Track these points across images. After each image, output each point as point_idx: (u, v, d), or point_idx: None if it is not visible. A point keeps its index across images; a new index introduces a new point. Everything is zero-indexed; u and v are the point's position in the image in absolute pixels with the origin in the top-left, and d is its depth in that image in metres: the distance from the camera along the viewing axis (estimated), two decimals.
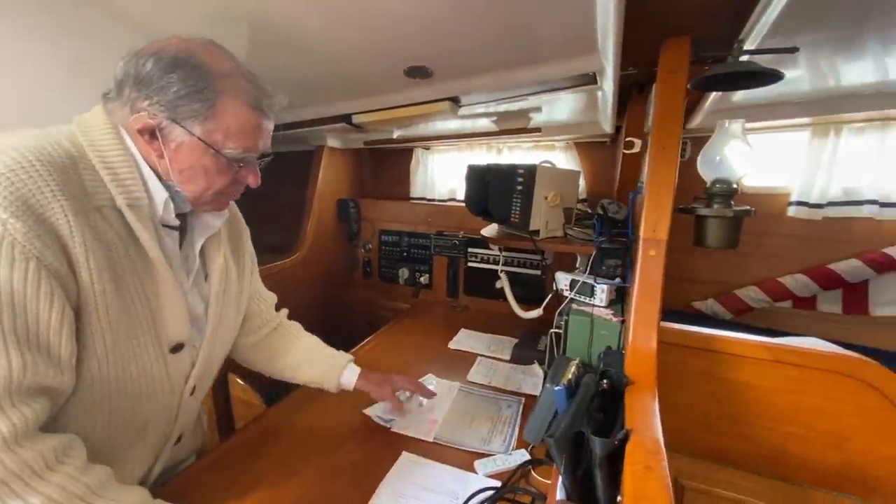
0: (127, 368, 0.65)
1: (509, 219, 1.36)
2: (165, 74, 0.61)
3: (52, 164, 0.56)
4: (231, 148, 0.66)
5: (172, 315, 0.70)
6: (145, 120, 0.62)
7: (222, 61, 0.65)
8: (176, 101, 0.62)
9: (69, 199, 0.56)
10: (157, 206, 0.67)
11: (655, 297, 0.79)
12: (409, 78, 1.11)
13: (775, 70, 0.77)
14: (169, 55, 0.62)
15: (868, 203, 1.31)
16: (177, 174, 0.67)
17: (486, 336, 1.64)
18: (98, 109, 0.66)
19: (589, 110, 1.44)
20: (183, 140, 0.64)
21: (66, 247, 0.56)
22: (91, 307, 0.59)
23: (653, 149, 0.83)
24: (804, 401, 0.87)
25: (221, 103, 0.64)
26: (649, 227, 0.82)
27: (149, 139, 0.64)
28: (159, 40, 0.65)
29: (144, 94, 0.62)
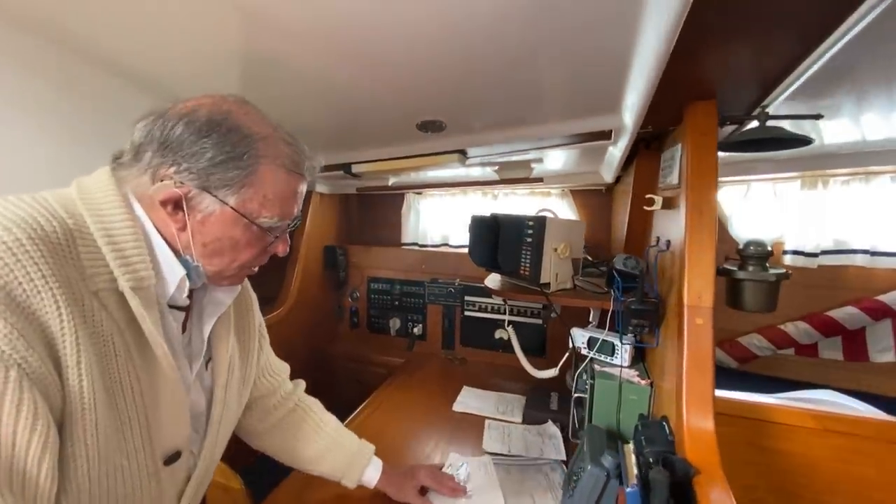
0: (112, 488, 0.53)
1: (518, 271, 1.30)
2: (200, 139, 0.55)
3: (46, 243, 0.47)
4: (266, 217, 0.60)
5: (172, 418, 0.59)
6: (171, 189, 0.55)
7: (260, 122, 0.59)
8: (210, 168, 0.55)
9: (63, 287, 0.47)
10: (169, 285, 0.58)
11: (707, 369, 0.74)
12: (421, 131, 1.07)
13: (805, 136, 0.78)
14: (202, 117, 0.55)
15: (860, 252, 1.36)
16: (199, 248, 0.59)
17: (492, 394, 1.53)
18: (103, 174, 0.57)
19: (591, 161, 1.45)
20: (213, 210, 0.57)
21: (54, 346, 0.47)
22: (77, 417, 0.49)
23: (690, 212, 0.81)
24: (853, 470, 0.83)
25: (260, 169, 0.58)
26: (694, 294, 0.78)
27: (172, 210, 0.56)
28: (188, 99, 0.58)
29: (171, 159, 0.55)
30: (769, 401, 0.86)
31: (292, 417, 0.93)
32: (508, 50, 0.71)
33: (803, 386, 1.37)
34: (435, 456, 1.16)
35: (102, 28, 0.73)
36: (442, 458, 1.15)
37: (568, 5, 0.59)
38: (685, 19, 0.54)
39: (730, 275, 0.85)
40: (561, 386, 1.53)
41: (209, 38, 0.73)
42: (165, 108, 0.57)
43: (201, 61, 0.81)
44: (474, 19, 0.62)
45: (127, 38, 0.76)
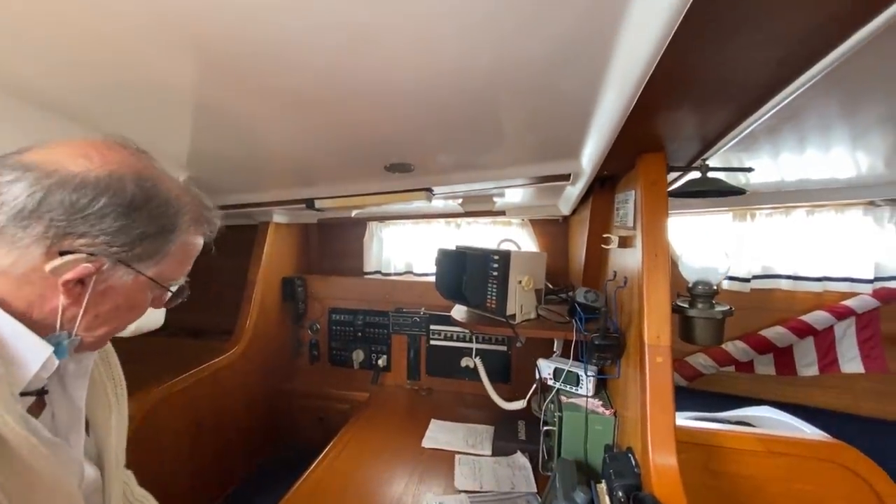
0: None
1: (485, 304, 1.33)
2: (131, 212, 0.51)
3: None
4: (174, 280, 0.60)
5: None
6: (81, 265, 0.49)
7: (173, 185, 0.57)
8: (137, 241, 0.52)
9: None
10: (27, 370, 0.49)
11: (668, 405, 0.79)
12: (389, 172, 1.07)
13: (740, 188, 0.87)
14: (129, 187, 0.51)
15: (784, 277, 1.52)
16: (90, 319, 0.53)
17: (460, 427, 1.53)
18: None
19: (550, 196, 1.52)
20: (124, 280, 0.53)
21: None
22: None
23: (646, 256, 0.87)
24: (794, 487, 0.91)
25: (181, 238, 0.57)
26: (653, 334, 0.83)
27: (69, 287, 0.50)
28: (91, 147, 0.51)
29: (83, 231, 0.49)
30: (720, 427, 0.93)
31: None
32: (475, 103, 0.74)
33: (744, 400, 1.50)
34: (407, 497, 1.14)
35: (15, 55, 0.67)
36: (414, 499, 1.13)
37: (537, 65, 0.63)
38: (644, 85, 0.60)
39: (682, 312, 0.92)
40: (527, 413, 1.56)
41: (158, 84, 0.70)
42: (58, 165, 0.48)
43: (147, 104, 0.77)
44: (443, 76, 0.65)
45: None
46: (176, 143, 0.97)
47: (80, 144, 0.52)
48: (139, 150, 0.57)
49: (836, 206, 1.52)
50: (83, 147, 0.52)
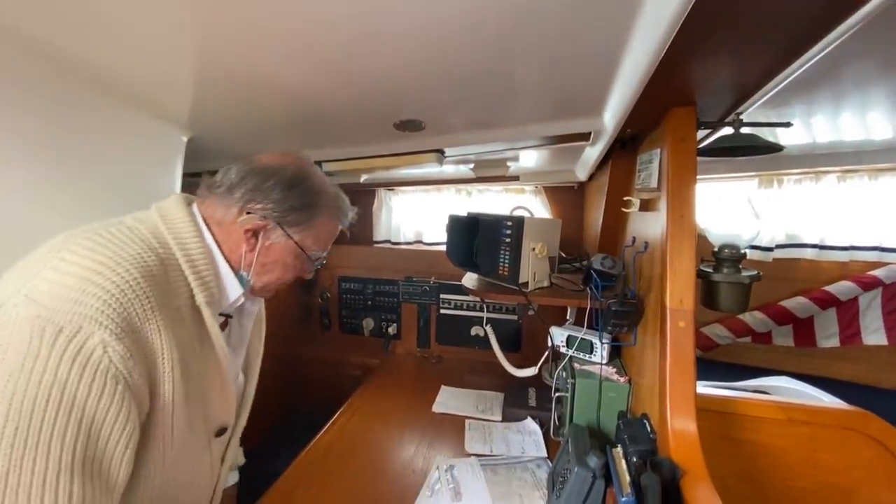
0: (180, 463, 0.68)
1: (497, 271, 1.30)
2: (287, 189, 0.73)
3: (152, 278, 0.59)
4: (314, 250, 0.80)
5: (223, 403, 0.76)
6: (256, 221, 0.72)
7: (326, 182, 0.80)
8: (288, 210, 0.73)
9: (162, 312, 0.60)
10: (229, 298, 0.74)
11: (689, 371, 0.77)
12: (399, 130, 1.02)
13: (778, 144, 0.81)
14: (290, 174, 0.74)
15: (810, 246, 1.46)
16: (258, 266, 0.75)
17: (470, 393, 1.53)
18: (182, 205, 0.72)
19: (566, 160, 1.46)
20: (280, 241, 0.75)
21: (154, 364, 0.59)
22: (163, 417, 0.62)
23: (671, 217, 0.82)
24: (814, 456, 0.89)
25: (321, 219, 0.78)
26: (676, 298, 0.79)
27: (251, 236, 0.73)
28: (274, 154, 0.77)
29: (260, 200, 0.72)
30: (740, 395, 0.91)
31: None
32: (493, 53, 0.68)
33: (760, 371, 1.47)
34: (418, 460, 1.14)
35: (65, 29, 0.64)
36: (425, 461, 1.14)
37: (557, 11, 0.57)
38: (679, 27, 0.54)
39: (706, 277, 0.87)
40: (537, 381, 1.55)
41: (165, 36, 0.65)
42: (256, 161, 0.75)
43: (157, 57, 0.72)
44: (455, 18, 0.59)
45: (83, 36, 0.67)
46: (178, 99, 0.93)
47: (275, 152, 0.78)
48: (313, 163, 0.81)
49: (869, 171, 1.43)
50: (276, 153, 0.78)
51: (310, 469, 1.10)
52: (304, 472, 1.09)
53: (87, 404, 0.51)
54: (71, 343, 0.50)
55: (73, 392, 0.50)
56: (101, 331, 0.52)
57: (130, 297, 0.55)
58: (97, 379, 0.51)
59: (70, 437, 0.50)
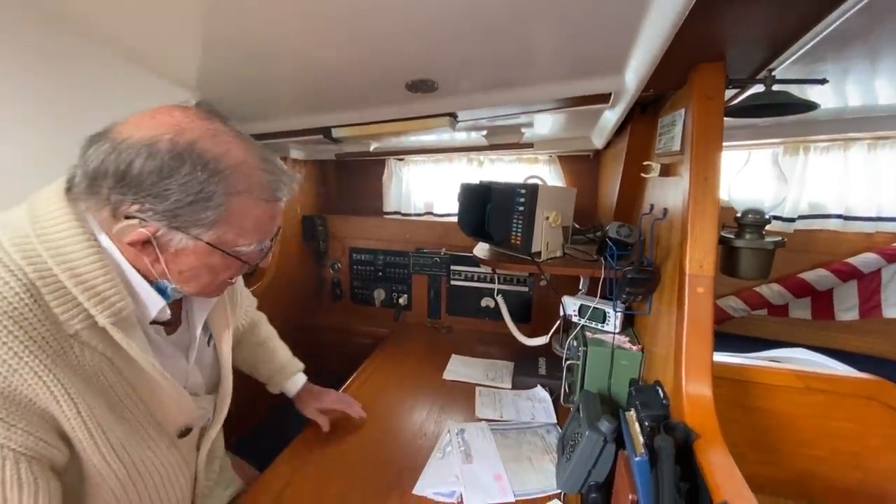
0: (144, 472, 0.63)
1: (509, 241, 1.28)
2: (161, 179, 0.51)
3: (10, 315, 0.47)
4: (244, 245, 0.60)
5: (175, 408, 0.67)
6: (137, 230, 0.53)
7: (229, 146, 0.56)
8: (177, 210, 0.53)
9: (41, 348, 0.49)
10: (149, 310, 0.60)
11: (707, 337, 0.75)
12: (410, 92, 0.99)
13: (811, 102, 0.76)
14: (163, 151, 0.51)
15: (834, 217, 1.41)
16: (176, 275, 0.59)
17: (480, 362, 1.55)
18: (56, 200, 0.54)
19: (583, 126, 1.41)
20: (186, 245, 0.56)
21: (45, 409, 0.50)
22: (95, 444, 0.55)
23: (694, 180, 0.79)
24: (831, 425, 0.88)
25: (234, 206, 0.56)
26: (695, 263, 0.77)
27: (141, 248, 0.55)
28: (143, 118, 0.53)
29: (132, 198, 0.52)
30: (756, 363, 0.90)
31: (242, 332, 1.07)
32: (508, 7, 0.64)
33: (774, 344, 1.45)
34: (429, 424, 1.17)
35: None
36: (436, 425, 1.16)
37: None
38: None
39: (727, 243, 0.85)
40: (547, 351, 1.56)
41: None
42: (118, 134, 0.52)
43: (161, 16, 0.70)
44: None
45: None
46: (184, 58, 0.91)
47: (144, 111, 0.55)
48: (209, 117, 0.57)
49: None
50: (143, 113, 0.54)
51: (321, 434, 1.13)
52: (319, 434, 1.12)
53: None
54: None
55: None
56: None
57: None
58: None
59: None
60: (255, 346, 1.10)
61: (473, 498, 0.91)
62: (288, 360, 1.13)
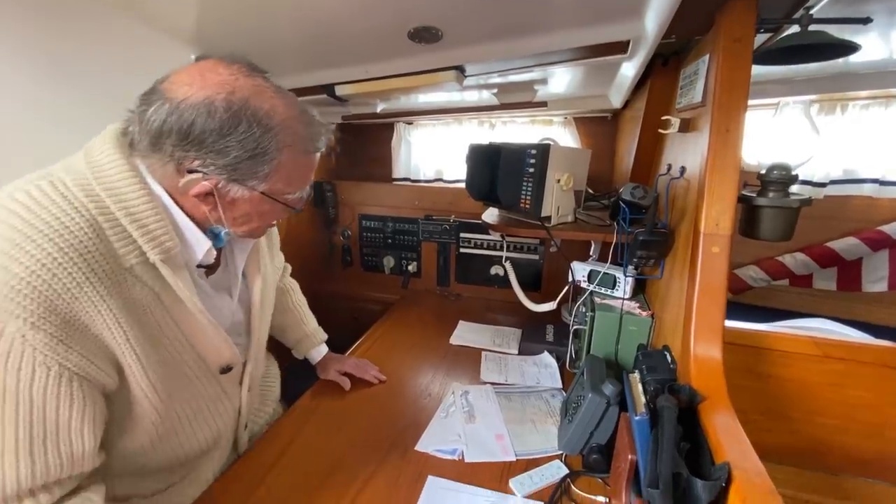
0: (185, 405, 0.71)
1: (518, 204, 1.24)
2: (222, 137, 0.56)
3: (76, 247, 0.52)
4: (290, 193, 0.67)
5: (216, 345, 0.72)
6: (200, 183, 0.59)
7: (276, 105, 0.60)
8: (236, 164, 0.59)
9: (100, 279, 0.54)
10: (196, 253, 0.65)
11: (719, 300, 0.72)
12: (413, 42, 0.94)
13: (852, 42, 0.69)
14: (220, 110, 0.55)
15: (869, 181, 1.32)
16: (230, 221, 0.66)
17: (488, 328, 1.54)
18: (111, 145, 0.59)
19: (599, 84, 1.33)
20: (242, 195, 0.62)
21: (99, 336, 0.55)
22: (136, 374, 0.60)
23: (714, 131, 0.73)
24: (847, 393, 0.85)
25: (283, 159, 0.62)
26: (711, 221, 0.73)
27: (203, 198, 0.61)
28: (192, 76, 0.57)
29: (195, 154, 0.57)
30: (772, 329, 0.86)
31: (277, 296, 1.08)
32: None
33: (794, 315, 1.40)
34: (434, 386, 1.17)
35: None
36: (441, 387, 1.17)
37: None
38: None
39: (748, 202, 0.79)
40: (555, 319, 1.54)
41: None
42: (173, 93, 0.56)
43: None
44: None
45: None
46: (181, 8, 0.87)
47: (189, 68, 0.58)
48: (252, 73, 0.60)
49: None
50: (190, 71, 0.58)
51: (330, 390, 1.15)
52: (327, 390, 1.14)
53: (19, 391, 0.51)
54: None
55: (3, 382, 0.50)
56: (14, 321, 0.49)
57: (46, 279, 0.49)
58: (23, 368, 0.50)
59: (8, 425, 0.51)
60: (285, 312, 1.15)
61: (474, 455, 0.91)
62: (315, 329, 1.22)
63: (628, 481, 0.66)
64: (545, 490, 0.83)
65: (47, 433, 0.53)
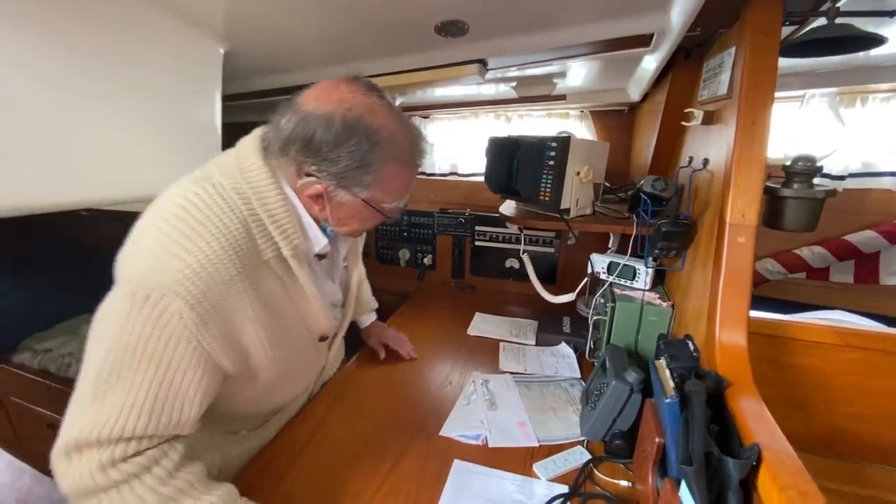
0: (290, 366, 0.82)
1: (537, 197, 1.25)
2: (335, 147, 0.65)
3: (233, 246, 0.63)
4: (388, 203, 0.76)
5: (319, 320, 0.85)
6: (315, 186, 0.69)
7: (386, 121, 0.68)
8: (345, 172, 0.68)
9: (246, 272, 0.65)
10: (314, 246, 0.78)
11: (744, 289, 0.73)
12: (439, 35, 0.95)
13: (878, 35, 0.70)
14: (337, 124, 0.64)
15: (888, 175, 1.32)
16: (335, 221, 0.76)
17: (504, 319, 1.56)
18: (257, 157, 0.69)
19: (618, 77, 1.34)
20: (346, 200, 0.72)
21: (236, 321, 0.66)
22: (261, 349, 0.71)
23: (741, 123, 0.74)
24: (867, 382, 0.86)
25: (386, 171, 0.70)
26: (737, 212, 0.74)
27: (315, 199, 0.71)
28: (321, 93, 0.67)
29: (312, 160, 0.67)
30: (794, 319, 0.87)
31: None
32: None
33: (812, 308, 1.40)
34: (454, 375, 1.20)
35: None
36: (461, 377, 1.19)
37: None
38: None
39: (773, 193, 0.80)
40: (572, 311, 1.56)
41: None
42: (304, 106, 0.66)
43: None
44: None
45: None
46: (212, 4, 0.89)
47: (318, 86, 0.69)
48: (368, 92, 0.69)
49: None
50: (318, 88, 0.69)
51: (356, 376, 1.18)
52: (351, 377, 1.17)
53: (162, 356, 0.59)
54: (155, 309, 0.58)
55: (153, 347, 0.58)
56: (178, 300, 0.58)
57: (210, 271, 0.60)
58: (172, 338, 0.59)
59: (148, 378, 0.59)
60: None
61: (498, 441, 0.94)
62: (370, 298, 1.36)
63: (655, 463, 0.68)
64: (569, 474, 0.85)
65: (168, 397, 0.60)
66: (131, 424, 0.58)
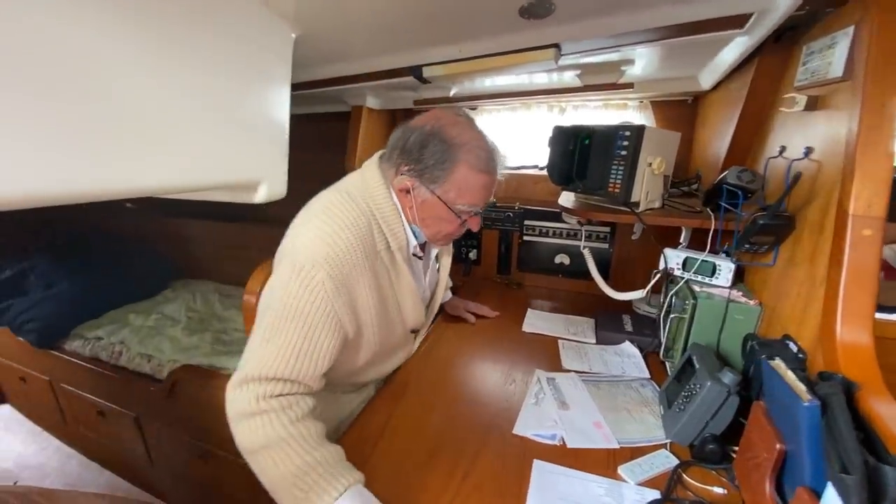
0: (387, 348, 1.04)
1: (606, 188, 1.20)
2: (421, 149, 0.87)
3: (361, 238, 0.84)
4: (461, 203, 0.91)
5: (413, 313, 1.04)
6: (405, 181, 0.90)
7: (463, 132, 0.88)
8: (424, 169, 0.87)
9: (365, 259, 0.85)
10: (411, 246, 0.98)
11: (871, 284, 0.68)
12: (522, 18, 0.91)
13: None
14: (426, 132, 0.87)
15: None
16: (419, 220, 0.94)
17: (559, 317, 1.52)
18: (376, 173, 0.92)
19: (691, 64, 1.27)
20: (426, 197, 0.90)
21: (356, 302, 0.86)
22: (369, 325, 0.92)
23: (866, 107, 0.68)
24: None
25: (456, 170, 0.87)
26: (862, 202, 0.68)
27: (405, 195, 0.91)
28: (427, 115, 0.92)
29: (405, 160, 0.89)
30: None
31: None
32: None
33: None
34: (516, 373, 1.16)
35: None
36: (524, 374, 1.15)
37: None
38: None
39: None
40: (627, 309, 1.50)
41: None
42: (409, 122, 0.92)
43: None
44: None
45: None
46: None
47: (429, 113, 0.93)
48: (459, 114, 0.93)
49: None
50: (429, 113, 0.93)
51: (418, 368, 1.16)
52: (413, 370, 1.15)
53: (308, 315, 0.78)
54: (307, 276, 0.77)
55: (303, 307, 0.77)
56: (323, 272, 0.78)
57: (347, 257, 0.81)
58: (316, 300, 0.78)
59: (297, 332, 0.77)
60: None
61: (576, 441, 0.90)
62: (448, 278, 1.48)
63: (773, 471, 0.63)
64: (657, 479, 0.81)
65: (307, 349, 0.78)
66: (281, 367, 0.75)
